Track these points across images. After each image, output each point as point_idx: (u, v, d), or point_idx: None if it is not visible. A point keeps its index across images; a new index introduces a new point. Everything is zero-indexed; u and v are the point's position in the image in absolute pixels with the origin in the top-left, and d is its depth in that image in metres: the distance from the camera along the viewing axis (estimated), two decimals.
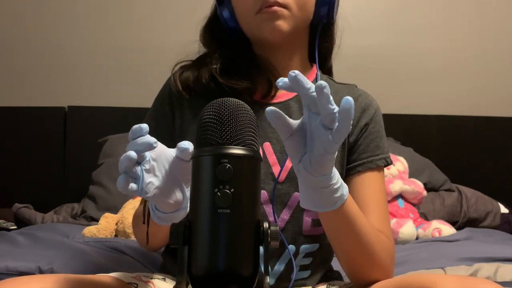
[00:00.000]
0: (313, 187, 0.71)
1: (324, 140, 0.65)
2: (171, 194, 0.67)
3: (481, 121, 2.48)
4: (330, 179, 0.70)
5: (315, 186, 0.70)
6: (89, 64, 2.45)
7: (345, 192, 0.75)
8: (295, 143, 0.68)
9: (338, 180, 0.72)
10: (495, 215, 2.04)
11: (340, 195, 0.73)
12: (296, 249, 0.93)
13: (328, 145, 0.65)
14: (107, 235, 1.65)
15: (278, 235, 0.58)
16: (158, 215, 0.71)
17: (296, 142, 0.68)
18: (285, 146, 0.70)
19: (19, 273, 1.10)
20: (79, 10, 2.46)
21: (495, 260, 1.31)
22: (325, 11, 0.95)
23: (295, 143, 0.68)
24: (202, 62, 0.98)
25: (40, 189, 2.31)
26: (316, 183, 0.70)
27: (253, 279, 0.58)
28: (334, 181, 0.71)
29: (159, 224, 0.71)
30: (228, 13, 0.97)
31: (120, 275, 0.85)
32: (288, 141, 0.69)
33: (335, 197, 0.73)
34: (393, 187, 1.91)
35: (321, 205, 0.74)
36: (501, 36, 2.55)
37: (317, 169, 0.67)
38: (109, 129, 2.27)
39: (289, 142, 0.69)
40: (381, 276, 0.84)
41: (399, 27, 2.53)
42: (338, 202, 0.74)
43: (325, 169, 0.68)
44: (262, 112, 0.95)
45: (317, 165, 0.67)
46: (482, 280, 0.71)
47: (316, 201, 0.73)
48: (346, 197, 0.75)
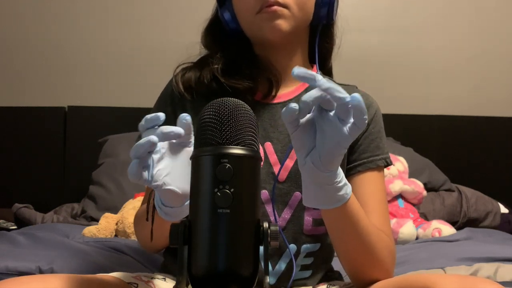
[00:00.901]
0: (318, 183, 0.71)
1: (339, 134, 0.65)
2: (179, 185, 0.68)
3: (481, 121, 2.48)
4: (336, 176, 0.71)
5: (320, 183, 0.71)
6: (89, 64, 2.45)
7: (349, 191, 0.75)
8: (302, 137, 0.69)
9: (342, 179, 0.73)
10: (495, 215, 2.04)
11: (343, 194, 0.74)
12: (297, 248, 0.93)
13: (342, 139, 0.65)
14: (107, 235, 1.65)
15: (278, 235, 0.58)
16: (165, 211, 0.71)
17: (303, 136, 0.68)
18: (291, 140, 0.70)
19: (19, 273, 1.10)
20: (79, 10, 2.46)
21: (495, 260, 1.31)
22: (324, 11, 0.96)
23: (303, 137, 0.69)
24: (204, 63, 0.98)
25: (40, 189, 2.31)
26: (322, 179, 0.70)
27: (253, 279, 0.58)
28: (339, 179, 0.72)
29: (166, 219, 0.72)
30: (229, 15, 0.97)
31: (121, 275, 0.85)
32: (295, 134, 0.69)
33: (338, 195, 0.73)
34: (393, 187, 1.91)
35: (324, 202, 0.74)
36: (501, 36, 2.55)
37: (326, 164, 0.68)
38: (109, 129, 2.27)
39: (296, 135, 0.69)
40: (382, 275, 0.84)
41: (399, 27, 2.53)
42: (341, 200, 0.74)
43: (333, 164, 0.69)
44: (263, 112, 0.95)
45: (327, 160, 0.67)
46: (482, 279, 0.71)
47: (319, 199, 0.74)
48: (349, 196, 0.76)
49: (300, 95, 0.99)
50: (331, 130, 0.66)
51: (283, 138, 0.94)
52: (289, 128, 0.68)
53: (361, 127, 0.65)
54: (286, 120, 0.67)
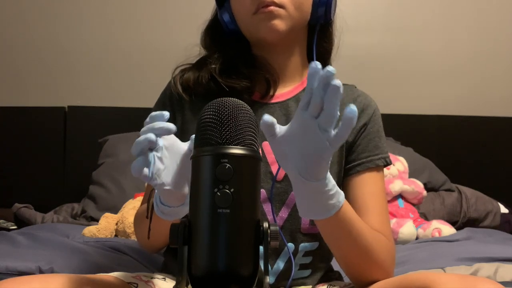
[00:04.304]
0: (307, 193, 0.71)
1: (320, 144, 0.65)
2: (178, 185, 0.69)
3: (481, 121, 2.48)
4: (325, 185, 0.70)
5: (309, 192, 0.70)
6: (89, 64, 2.45)
7: (341, 199, 0.74)
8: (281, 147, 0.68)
9: (333, 187, 0.72)
10: (495, 215, 2.04)
11: (335, 202, 0.73)
12: (295, 247, 0.93)
13: (324, 150, 0.65)
14: (107, 235, 1.65)
15: (278, 235, 0.58)
16: (161, 209, 0.72)
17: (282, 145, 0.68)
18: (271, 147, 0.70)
19: (19, 273, 1.10)
20: (79, 10, 2.46)
21: (495, 260, 1.31)
22: (322, 11, 0.96)
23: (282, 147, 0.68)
24: (202, 63, 0.99)
25: (40, 189, 2.31)
26: (311, 189, 0.69)
27: (253, 278, 0.58)
28: (329, 187, 0.71)
29: (162, 218, 0.72)
30: (228, 16, 0.98)
31: (121, 275, 0.85)
32: (273, 144, 0.68)
33: (330, 203, 0.73)
34: (393, 187, 1.91)
35: (316, 212, 0.74)
36: (501, 36, 2.55)
37: (311, 174, 0.67)
38: (109, 129, 2.27)
39: (275, 145, 0.68)
40: (381, 276, 0.84)
41: (398, 27, 2.53)
42: (333, 209, 0.74)
43: (320, 173, 0.68)
44: (261, 111, 0.95)
45: (312, 170, 0.67)
46: (482, 278, 0.71)
47: (310, 208, 0.73)
48: (342, 204, 0.75)
49: (298, 95, 0.99)
50: (313, 140, 0.65)
51: None
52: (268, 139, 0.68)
53: (343, 140, 0.64)
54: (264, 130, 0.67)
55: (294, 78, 1.00)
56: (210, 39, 1.03)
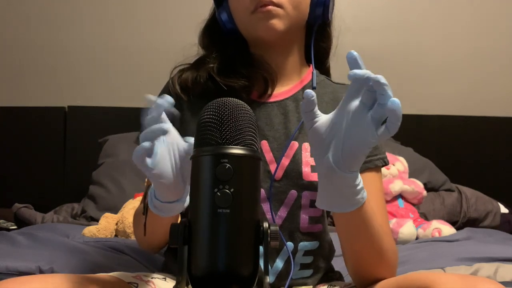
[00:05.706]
0: (336, 185, 0.70)
1: (370, 134, 0.65)
2: (174, 180, 0.70)
3: (481, 121, 2.48)
4: (356, 178, 0.70)
5: (339, 184, 0.70)
6: (89, 64, 2.45)
7: (365, 195, 0.74)
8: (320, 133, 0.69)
9: (360, 182, 0.72)
10: (495, 215, 2.04)
11: (360, 197, 0.73)
12: (294, 246, 0.93)
13: (370, 143, 0.65)
14: (107, 235, 1.65)
15: (278, 235, 0.58)
16: (155, 203, 0.73)
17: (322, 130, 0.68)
18: (308, 135, 0.70)
19: (19, 273, 1.10)
20: (79, 10, 2.46)
21: (495, 260, 1.31)
22: (320, 11, 0.96)
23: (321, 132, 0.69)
24: (201, 63, 0.99)
25: (40, 189, 2.31)
26: (342, 180, 0.69)
27: (253, 278, 0.58)
28: (357, 182, 0.71)
29: (155, 213, 0.73)
30: (226, 15, 0.98)
31: (121, 275, 0.85)
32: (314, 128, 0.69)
33: (355, 198, 0.73)
34: (393, 187, 1.91)
35: (340, 205, 0.74)
36: (501, 36, 2.55)
37: (348, 164, 0.67)
38: (109, 129, 2.27)
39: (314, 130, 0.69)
40: (387, 274, 0.83)
41: (398, 26, 2.53)
42: (357, 204, 0.74)
43: (356, 165, 0.68)
44: (259, 111, 0.95)
45: (349, 161, 0.67)
46: (482, 278, 0.71)
47: (335, 201, 0.73)
48: (365, 200, 0.75)
49: (296, 94, 0.99)
50: (361, 129, 0.65)
51: (279, 136, 0.95)
52: (306, 121, 0.69)
53: (392, 133, 0.65)
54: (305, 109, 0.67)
55: (292, 77, 1.00)
56: (208, 38, 1.03)
